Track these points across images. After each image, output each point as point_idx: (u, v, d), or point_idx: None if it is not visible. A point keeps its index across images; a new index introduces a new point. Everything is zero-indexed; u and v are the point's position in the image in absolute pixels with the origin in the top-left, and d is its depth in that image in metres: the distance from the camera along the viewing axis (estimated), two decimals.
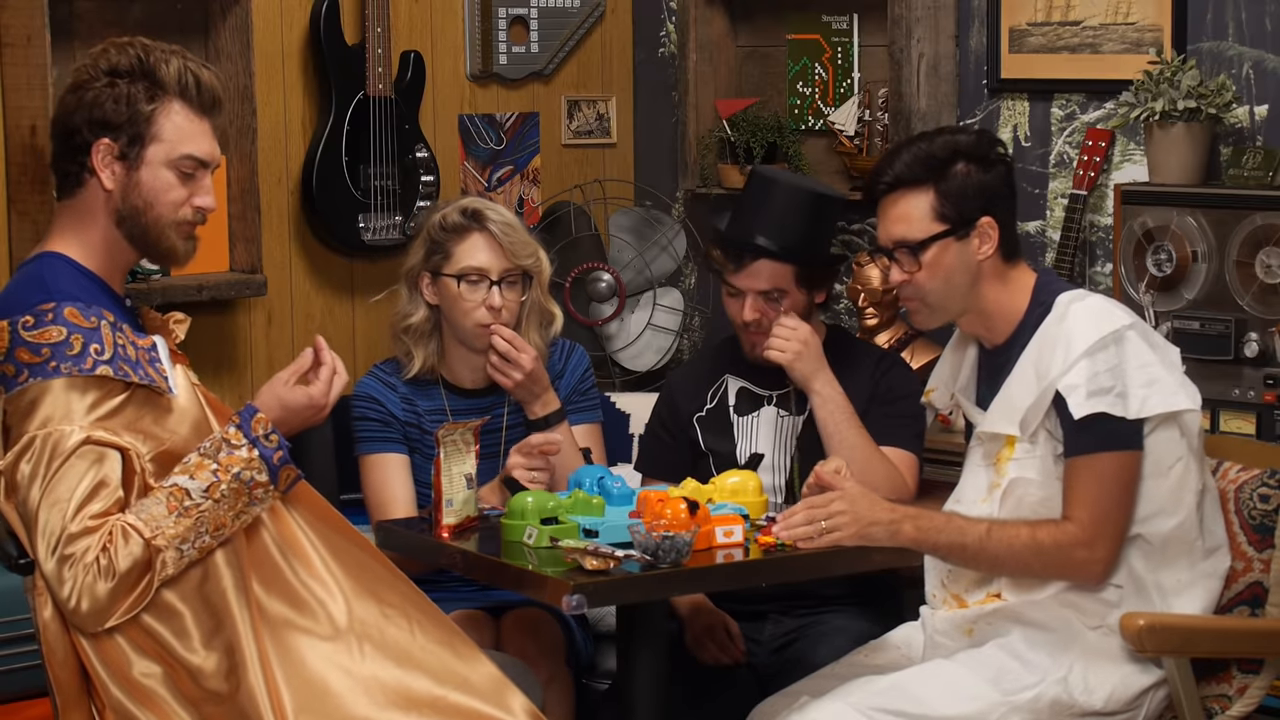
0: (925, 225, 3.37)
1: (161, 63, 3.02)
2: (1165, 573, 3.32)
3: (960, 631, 3.40)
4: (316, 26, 4.86)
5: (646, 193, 5.42)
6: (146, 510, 2.88)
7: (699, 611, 3.91)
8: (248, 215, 4.71)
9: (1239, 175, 4.18)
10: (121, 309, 3.03)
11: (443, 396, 3.98)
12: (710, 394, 4.03)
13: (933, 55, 4.75)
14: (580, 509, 3.45)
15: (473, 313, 3.91)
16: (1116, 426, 3.25)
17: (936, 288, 3.38)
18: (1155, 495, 3.30)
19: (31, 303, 2.91)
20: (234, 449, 2.94)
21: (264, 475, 2.95)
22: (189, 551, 2.89)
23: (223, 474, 2.91)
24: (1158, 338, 3.40)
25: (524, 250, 3.94)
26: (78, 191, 3.03)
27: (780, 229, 3.84)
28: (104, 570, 2.84)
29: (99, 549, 2.84)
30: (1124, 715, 3.30)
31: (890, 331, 4.67)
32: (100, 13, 4.57)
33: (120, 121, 2.99)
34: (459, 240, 3.93)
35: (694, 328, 5.43)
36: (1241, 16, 4.30)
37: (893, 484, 3.74)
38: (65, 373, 2.87)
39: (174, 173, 3.03)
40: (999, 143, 3.48)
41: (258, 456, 2.94)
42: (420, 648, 3.03)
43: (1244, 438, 4.03)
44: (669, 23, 5.43)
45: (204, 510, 2.89)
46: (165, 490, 2.90)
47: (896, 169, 3.39)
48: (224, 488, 2.91)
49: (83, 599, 2.84)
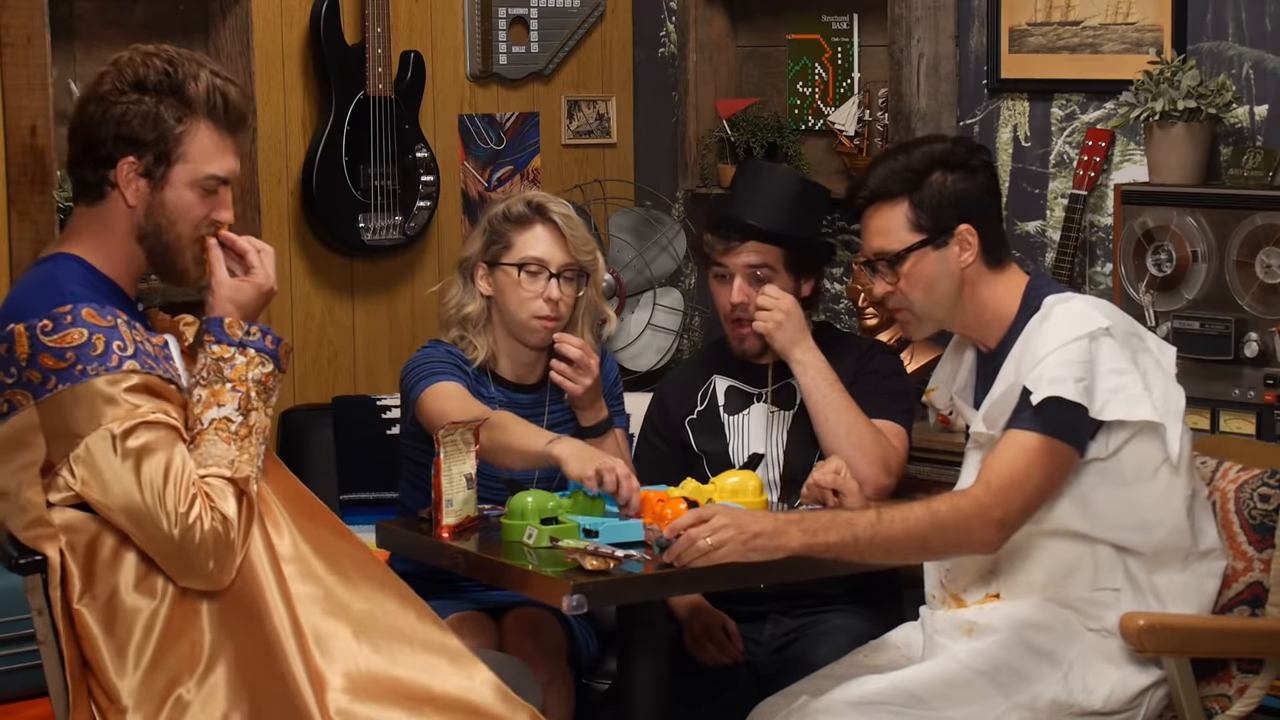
0: (901, 236, 3.37)
1: (190, 78, 3.00)
2: (1160, 576, 3.32)
3: (960, 631, 3.40)
4: (316, 26, 4.86)
5: (646, 193, 5.42)
6: (209, 454, 2.93)
7: (697, 612, 3.92)
8: (248, 215, 4.70)
9: (1239, 175, 4.18)
10: (134, 312, 3.04)
11: (493, 388, 3.97)
12: (700, 396, 4.04)
13: (933, 55, 4.75)
14: (580, 509, 3.45)
15: (530, 303, 3.91)
16: (1067, 417, 3.21)
17: (919, 297, 3.39)
18: (1143, 502, 3.29)
19: (47, 306, 2.91)
20: (232, 362, 2.98)
21: (269, 366, 3.01)
22: (259, 461, 2.98)
23: (240, 385, 2.97)
24: (1150, 341, 3.37)
25: (584, 246, 3.95)
26: (99, 202, 3.03)
27: (768, 211, 3.91)
28: (223, 525, 2.88)
29: (208, 511, 2.88)
30: (1123, 715, 3.30)
31: (890, 331, 4.67)
32: (100, 13, 4.57)
33: (147, 140, 2.98)
34: (521, 231, 3.94)
35: (694, 328, 5.43)
36: (1241, 16, 4.30)
37: (880, 448, 3.79)
38: (94, 374, 2.87)
39: (197, 192, 3.03)
40: (979, 149, 3.47)
41: (255, 353, 3.00)
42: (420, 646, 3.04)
43: (1244, 438, 4.03)
44: (669, 23, 5.43)
45: (254, 425, 2.97)
46: (209, 428, 2.94)
47: (872, 183, 3.41)
48: (252, 396, 2.97)
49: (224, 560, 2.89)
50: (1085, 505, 3.29)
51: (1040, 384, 3.22)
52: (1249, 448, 3.70)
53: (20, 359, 2.89)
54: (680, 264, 5.33)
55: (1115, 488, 3.28)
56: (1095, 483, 3.28)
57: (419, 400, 3.85)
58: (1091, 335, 3.25)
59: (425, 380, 3.86)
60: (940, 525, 3.21)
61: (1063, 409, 3.20)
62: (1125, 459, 3.27)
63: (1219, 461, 3.54)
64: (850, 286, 4.78)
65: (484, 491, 3.61)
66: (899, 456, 3.85)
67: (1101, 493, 3.28)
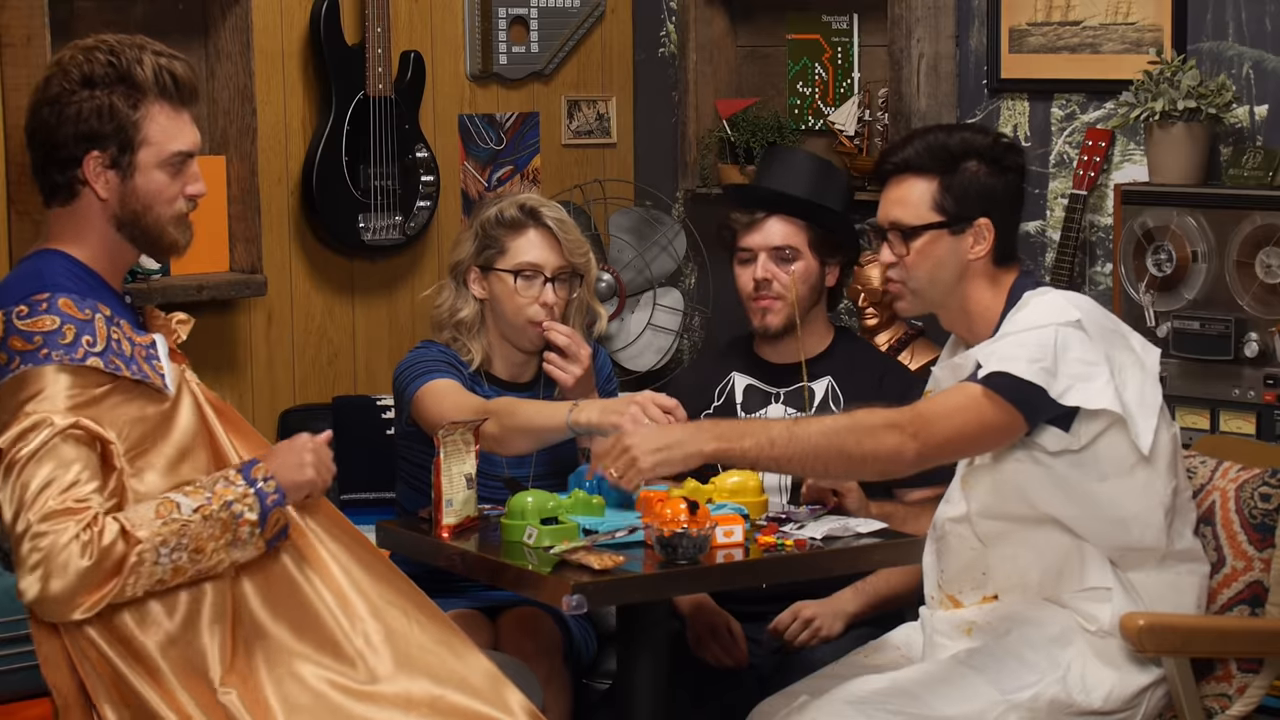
0: (921, 212, 3.38)
1: (135, 63, 3.01)
2: (1136, 574, 3.33)
3: (959, 631, 3.40)
4: (316, 26, 4.86)
5: (646, 193, 5.42)
6: (135, 511, 2.89)
7: (701, 610, 3.92)
8: (248, 215, 4.71)
9: (1239, 175, 4.18)
10: (121, 305, 3.04)
11: (485, 387, 3.97)
12: (717, 391, 4.04)
13: (933, 55, 4.75)
14: (580, 509, 3.45)
15: (526, 309, 3.92)
16: (1018, 387, 3.19)
17: (921, 275, 3.39)
18: (1121, 498, 3.29)
19: (26, 293, 2.92)
20: (230, 484, 2.96)
21: (254, 514, 2.95)
22: (164, 561, 2.87)
23: (215, 499, 2.92)
24: (1135, 340, 3.35)
25: (578, 249, 3.96)
26: (71, 201, 3.04)
27: (794, 183, 3.94)
28: (83, 548, 2.81)
29: (80, 529, 2.82)
30: (1122, 714, 3.30)
31: (890, 331, 4.67)
32: (100, 13, 4.57)
33: (107, 132, 2.99)
34: (515, 236, 3.94)
35: (694, 328, 5.43)
36: (1241, 16, 4.30)
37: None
38: (56, 360, 2.87)
39: (165, 171, 3.04)
40: (1018, 151, 3.47)
41: (253, 493, 2.95)
42: (419, 647, 3.04)
43: (1244, 438, 4.03)
44: (669, 23, 5.43)
45: (190, 524, 2.89)
46: (156, 501, 2.91)
47: (907, 153, 3.41)
48: (214, 509, 2.91)
49: (53, 577, 2.81)
50: (1067, 498, 3.29)
51: (990, 359, 3.23)
52: (1249, 448, 3.71)
53: None
54: (680, 264, 5.32)
55: (1093, 482, 3.28)
56: (1074, 476, 3.28)
57: (415, 399, 3.85)
58: (1059, 325, 3.24)
59: (420, 379, 3.86)
60: (857, 428, 3.19)
61: (1013, 381, 3.20)
62: (1101, 452, 3.27)
63: (1219, 461, 3.54)
64: (850, 286, 4.78)
65: (484, 491, 3.61)
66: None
67: (1081, 487, 3.28)
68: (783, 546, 3.34)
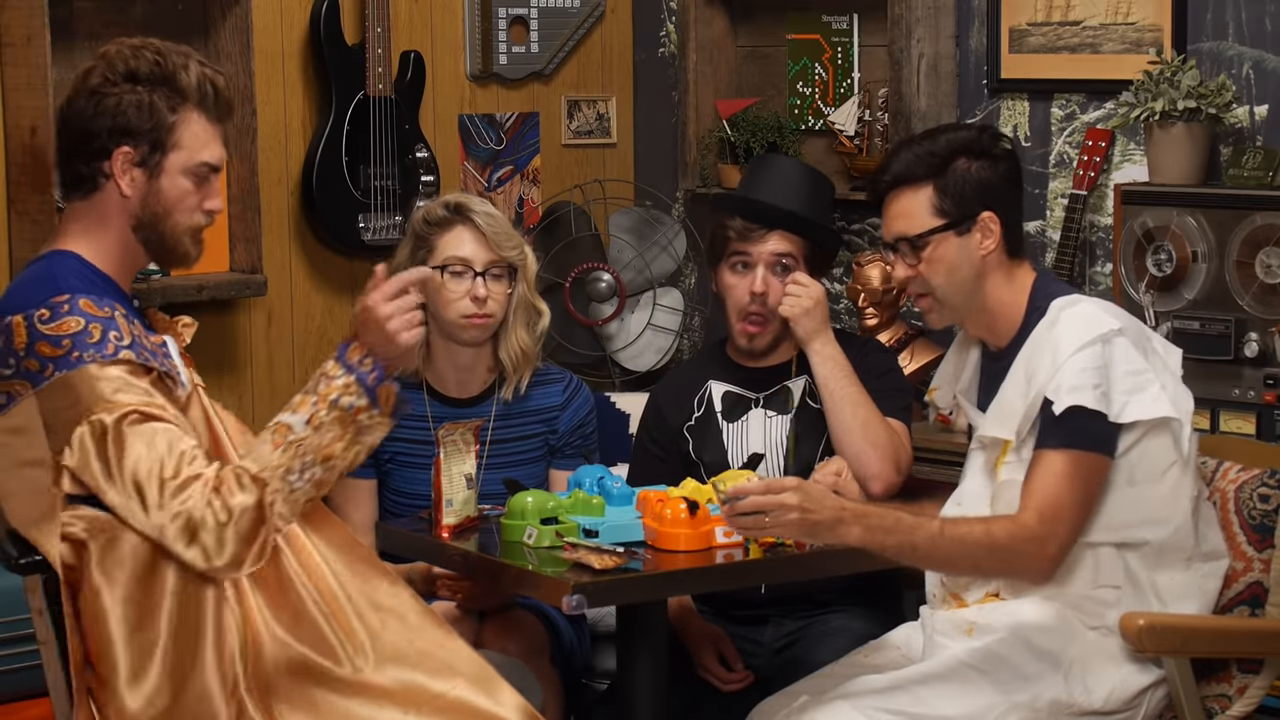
0: (924, 220, 3.38)
1: (180, 69, 3.03)
2: (1161, 575, 3.32)
3: (960, 631, 3.40)
4: (316, 26, 4.86)
5: (646, 193, 5.42)
6: (254, 451, 2.94)
7: (686, 623, 3.88)
8: (248, 215, 4.71)
9: (1239, 175, 4.18)
10: (131, 308, 3.04)
11: (426, 403, 3.96)
12: (696, 402, 4.02)
13: (933, 55, 4.75)
14: (580, 509, 3.45)
15: (456, 303, 3.90)
16: (1091, 425, 3.23)
17: (941, 282, 3.39)
18: (1149, 502, 3.29)
19: (44, 296, 2.92)
20: (331, 379, 2.99)
21: (363, 399, 2.98)
22: (299, 485, 2.94)
23: (321, 403, 2.97)
24: (1156, 342, 3.39)
25: (508, 242, 3.94)
26: (92, 195, 3.04)
27: (798, 200, 3.94)
28: (216, 515, 2.86)
29: (206, 498, 2.86)
30: (1123, 715, 3.30)
31: (890, 331, 4.67)
32: (100, 13, 4.57)
33: (143, 129, 3.01)
34: (443, 233, 3.94)
35: (694, 328, 5.43)
36: (1241, 16, 4.30)
37: (893, 445, 3.80)
38: (90, 360, 2.88)
39: (190, 179, 3.05)
40: (1002, 137, 3.47)
41: (354, 380, 2.98)
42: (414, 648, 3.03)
43: (1244, 438, 4.03)
44: (669, 23, 5.43)
45: (306, 440, 2.94)
46: (270, 428, 2.96)
47: (895, 168, 3.41)
48: (324, 415, 2.96)
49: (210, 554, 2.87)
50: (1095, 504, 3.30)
51: (1060, 394, 3.22)
52: (1249, 448, 3.70)
53: (18, 349, 2.90)
54: (680, 264, 5.32)
55: (1122, 488, 3.28)
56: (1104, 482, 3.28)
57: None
58: (1104, 338, 3.25)
59: None
60: (996, 550, 3.23)
61: (1086, 418, 3.22)
62: (1135, 459, 3.28)
63: (1219, 461, 3.54)
64: (850, 286, 4.78)
65: (483, 491, 3.61)
66: (908, 455, 3.86)
67: (1109, 493, 3.28)
68: (783, 547, 3.34)
